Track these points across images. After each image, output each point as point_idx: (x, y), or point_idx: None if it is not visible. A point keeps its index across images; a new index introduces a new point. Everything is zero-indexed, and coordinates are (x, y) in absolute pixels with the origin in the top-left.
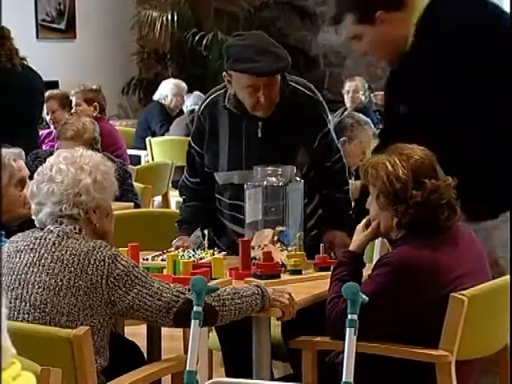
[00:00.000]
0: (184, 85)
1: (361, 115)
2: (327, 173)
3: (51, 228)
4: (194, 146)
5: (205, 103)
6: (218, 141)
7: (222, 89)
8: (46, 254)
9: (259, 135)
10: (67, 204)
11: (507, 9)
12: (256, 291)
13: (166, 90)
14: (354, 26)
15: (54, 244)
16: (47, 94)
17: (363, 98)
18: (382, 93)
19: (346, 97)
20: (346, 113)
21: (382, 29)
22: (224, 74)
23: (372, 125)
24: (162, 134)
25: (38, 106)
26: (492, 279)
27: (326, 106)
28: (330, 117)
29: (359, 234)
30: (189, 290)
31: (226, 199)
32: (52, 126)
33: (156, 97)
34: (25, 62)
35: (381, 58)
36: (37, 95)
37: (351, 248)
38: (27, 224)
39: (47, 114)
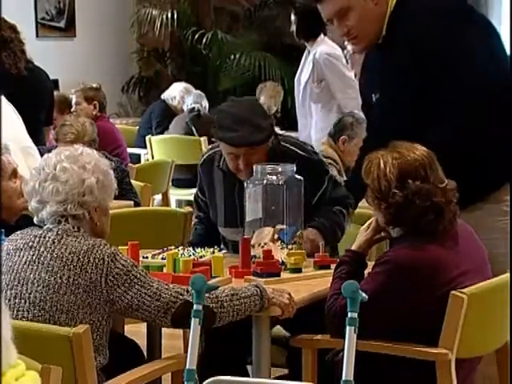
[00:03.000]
0: (193, 90)
1: (360, 113)
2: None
3: (50, 226)
4: (200, 196)
5: (203, 158)
6: (215, 197)
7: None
8: (45, 252)
9: None
10: (72, 204)
11: (507, 9)
12: (255, 292)
13: (176, 91)
14: None
15: (54, 242)
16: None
17: None
18: None
19: None
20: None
21: (371, 5)
22: None
23: None
24: (157, 134)
25: (43, 109)
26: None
27: (323, 163)
28: (329, 171)
29: (361, 234)
30: (187, 292)
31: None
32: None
33: (164, 96)
34: (30, 66)
35: (360, 38)
36: (43, 98)
37: (353, 247)
38: (25, 221)
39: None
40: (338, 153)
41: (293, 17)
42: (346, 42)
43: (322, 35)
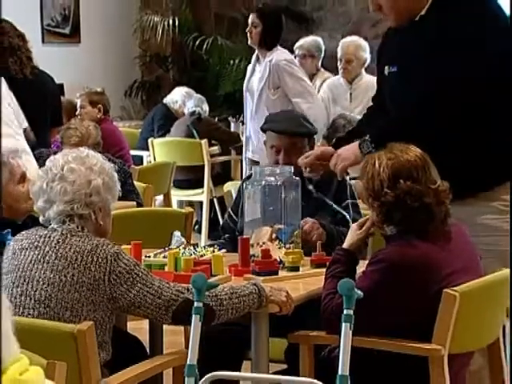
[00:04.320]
0: (194, 94)
1: (352, 115)
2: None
3: (55, 226)
4: None
5: None
6: None
7: None
8: (50, 252)
9: None
10: (79, 204)
11: (507, 9)
12: (253, 290)
13: (177, 95)
14: None
15: (58, 242)
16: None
17: None
18: None
19: None
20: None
21: None
22: None
23: None
24: (159, 137)
25: (48, 111)
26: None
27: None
28: (356, 199)
29: (353, 232)
30: (188, 290)
31: None
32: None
33: (166, 100)
34: (36, 71)
35: (392, 15)
36: (48, 100)
37: (345, 246)
38: (31, 221)
39: None
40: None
41: (260, 25)
42: None
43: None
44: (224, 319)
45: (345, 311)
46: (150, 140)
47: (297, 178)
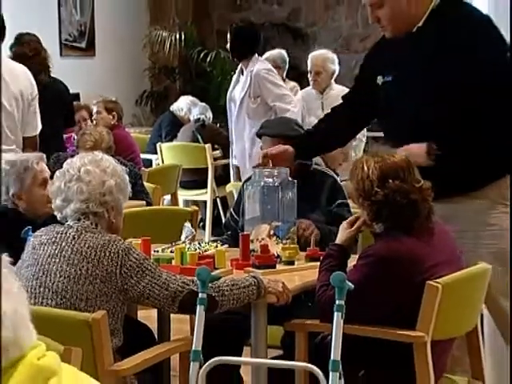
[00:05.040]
0: (199, 102)
1: None
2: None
3: (71, 224)
4: None
5: None
6: None
7: None
8: (66, 247)
9: None
10: (94, 202)
11: (507, 8)
12: (253, 282)
13: (183, 104)
14: None
15: (74, 238)
16: (77, 105)
17: None
18: None
19: None
20: None
21: (404, 3)
22: None
23: None
24: (166, 142)
25: (62, 115)
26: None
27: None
28: (347, 199)
29: (344, 229)
30: (192, 282)
31: None
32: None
33: (172, 108)
34: (51, 79)
35: (389, 28)
36: (61, 105)
37: (338, 242)
38: (50, 220)
39: (78, 121)
40: (322, 157)
41: (229, 37)
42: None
43: (256, 55)
44: (226, 308)
45: (337, 301)
46: (158, 144)
47: (294, 180)
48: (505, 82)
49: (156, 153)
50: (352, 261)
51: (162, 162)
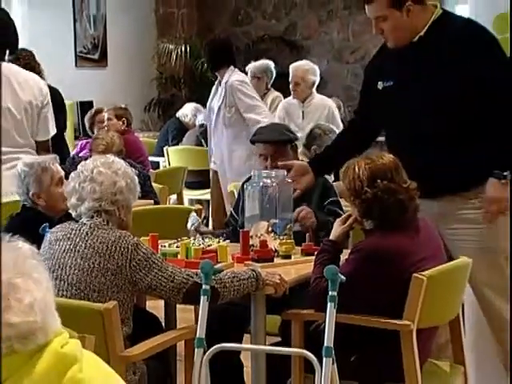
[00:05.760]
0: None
1: (326, 124)
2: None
3: (84, 221)
4: None
5: None
6: None
7: None
8: (80, 242)
9: None
10: (106, 201)
11: (507, 7)
12: (252, 275)
13: (188, 110)
14: (384, 8)
15: (87, 234)
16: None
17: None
18: None
19: None
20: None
21: (405, 17)
22: None
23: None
24: (173, 145)
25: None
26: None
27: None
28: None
29: (338, 226)
30: (196, 275)
31: None
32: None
33: (178, 114)
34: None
35: (392, 39)
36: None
37: (331, 238)
38: (66, 217)
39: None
40: None
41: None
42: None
43: (232, 66)
44: (227, 299)
45: (330, 292)
46: (165, 148)
47: (290, 181)
48: (504, 93)
49: (163, 155)
50: (344, 255)
51: (169, 164)
